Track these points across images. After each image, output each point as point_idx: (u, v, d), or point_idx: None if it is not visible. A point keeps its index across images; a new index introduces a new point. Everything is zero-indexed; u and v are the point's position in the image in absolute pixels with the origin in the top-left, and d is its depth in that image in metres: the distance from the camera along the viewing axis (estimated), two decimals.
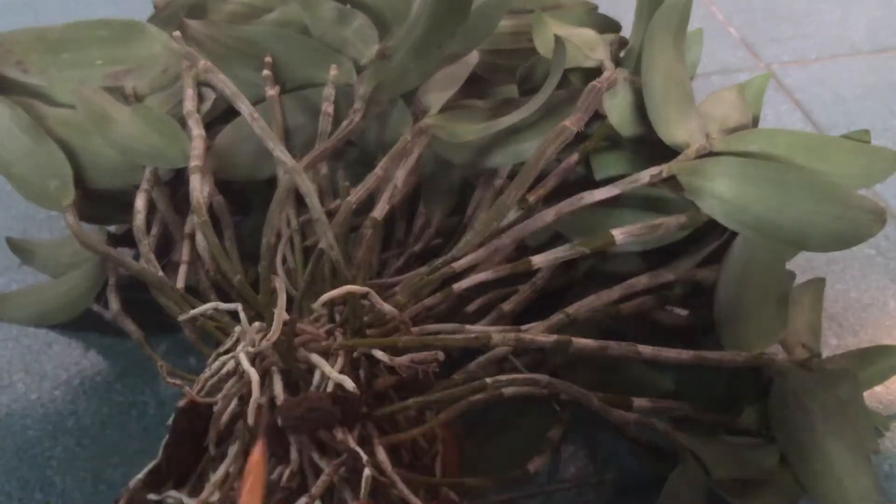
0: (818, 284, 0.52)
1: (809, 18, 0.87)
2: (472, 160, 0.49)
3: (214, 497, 0.36)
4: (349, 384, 0.37)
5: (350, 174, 0.52)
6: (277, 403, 0.37)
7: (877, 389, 0.51)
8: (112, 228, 0.57)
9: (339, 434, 0.36)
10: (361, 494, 0.35)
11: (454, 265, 0.43)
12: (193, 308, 0.42)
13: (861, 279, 0.59)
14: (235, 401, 0.39)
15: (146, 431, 0.50)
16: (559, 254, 0.44)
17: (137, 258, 0.50)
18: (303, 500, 0.36)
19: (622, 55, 0.56)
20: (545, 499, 0.46)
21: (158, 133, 0.51)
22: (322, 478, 0.36)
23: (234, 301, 0.41)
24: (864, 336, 0.55)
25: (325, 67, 0.54)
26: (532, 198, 0.46)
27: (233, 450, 0.38)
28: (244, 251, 0.50)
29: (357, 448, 0.36)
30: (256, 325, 0.40)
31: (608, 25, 0.58)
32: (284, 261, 0.48)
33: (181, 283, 0.48)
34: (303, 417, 0.36)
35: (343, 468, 0.36)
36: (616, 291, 0.47)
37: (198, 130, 0.50)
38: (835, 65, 0.80)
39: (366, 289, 0.39)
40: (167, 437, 0.39)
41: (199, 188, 0.47)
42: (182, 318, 0.43)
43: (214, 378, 0.39)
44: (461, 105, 0.52)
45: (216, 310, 0.42)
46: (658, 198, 0.48)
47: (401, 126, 0.52)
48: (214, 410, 0.38)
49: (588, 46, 0.53)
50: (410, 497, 0.37)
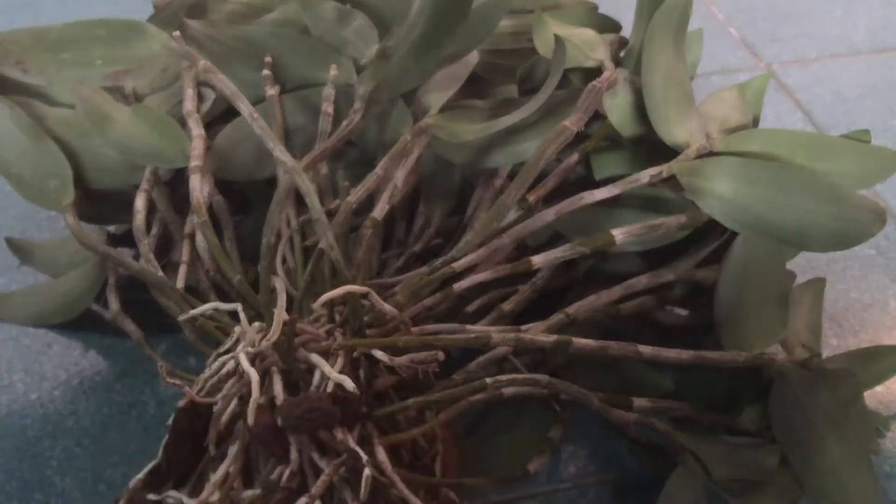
0: (818, 284, 0.52)
1: (810, 18, 0.87)
2: (472, 160, 0.49)
3: (214, 497, 0.36)
4: (349, 384, 0.37)
5: (350, 174, 0.52)
6: (277, 403, 0.37)
7: (877, 389, 0.51)
8: (112, 228, 0.57)
9: (339, 434, 0.36)
10: (361, 494, 0.35)
11: (454, 265, 0.43)
12: (193, 308, 0.42)
13: (861, 279, 0.59)
14: (235, 401, 0.39)
15: (146, 431, 0.50)
16: (559, 254, 0.44)
17: (137, 258, 0.50)
18: (303, 500, 0.36)
19: (622, 55, 0.56)
20: (545, 499, 0.46)
21: (158, 133, 0.51)
22: (322, 478, 0.36)
23: (234, 301, 0.41)
24: (865, 336, 0.55)
25: (325, 67, 0.54)
26: (532, 198, 0.46)
27: (233, 450, 0.38)
28: (244, 251, 0.50)
29: (357, 448, 0.36)
30: (256, 325, 0.40)
31: (608, 25, 0.58)
32: (284, 261, 0.48)
33: (181, 283, 0.48)
34: (303, 417, 0.36)
35: (343, 468, 0.36)
36: (616, 291, 0.47)
37: (198, 130, 0.50)
38: (835, 65, 0.80)
39: (366, 289, 0.39)
40: (167, 437, 0.39)
41: (199, 188, 0.47)
42: (182, 318, 0.43)
43: (214, 378, 0.39)
44: (461, 105, 0.52)
45: (216, 310, 0.42)
46: (658, 198, 0.47)
47: (401, 126, 0.52)
48: (214, 410, 0.38)
49: (588, 46, 0.53)
50: (410, 497, 0.37)
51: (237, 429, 0.38)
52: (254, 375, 0.37)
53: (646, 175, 0.45)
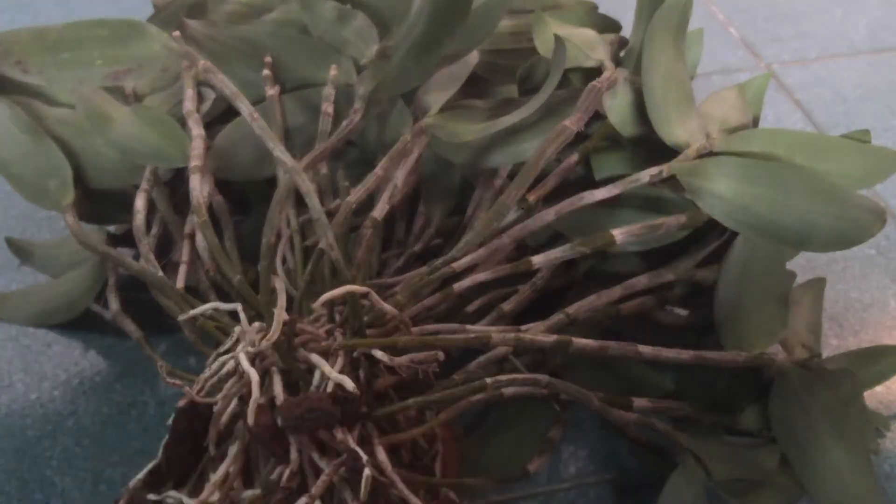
0: (818, 284, 0.52)
1: (810, 18, 0.87)
2: (472, 160, 0.49)
3: (214, 497, 0.36)
4: (349, 384, 0.37)
5: (350, 174, 0.52)
6: (277, 403, 0.37)
7: (877, 389, 0.51)
8: (112, 228, 0.57)
9: (339, 434, 0.36)
10: (361, 494, 0.35)
11: (454, 265, 0.43)
12: (193, 308, 0.42)
13: (861, 279, 0.59)
14: (235, 401, 0.39)
15: (146, 431, 0.50)
16: (559, 254, 0.44)
17: (137, 258, 0.50)
18: (303, 500, 0.36)
19: (622, 55, 0.56)
20: (545, 499, 0.46)
21: (158, 133, 0.51)
22: (322, 478, 0.36)
23: (234, 301, 0.41)
24: (865, 336, 0.55)
25: (325, 67, 0.54)
26: (532, 198, 0.46)
27: (233, 450, 0.38)
28: (244, 251, 0.50)
29: (357, 448, 0.36)
30: (256, 325, 0.40)
31: (608, 25, 0.58)
32: (284, 261, 0.48)
33: (181, 283, 0.48)
34: (303, 417, 0.36)
35: (343, 468, 0.36)
36: (616, 291, 0.47)
37: (198, 130, 0.50)
38: (835, 64, 0.80)
39: (366, 289, 0.39)
40: (167, 437, 0.39)
41: (199, 188, 0.47)
42: (182, 318, 0.43)
43: (214, 378, 0.39)
44: (461, 105, 0.52)
45: (216, 310, 0.42)
46: (658, 198, 0.47)
47: (401, 126, 0.52)
48: (214, 410, 0.38)
49: (588, 46, 0.53)
50: (410, 497, 0.37)
51: (237, 429, 0.38)
52: (254, 375, 0.37)
53: (646, 175, 0.45)
